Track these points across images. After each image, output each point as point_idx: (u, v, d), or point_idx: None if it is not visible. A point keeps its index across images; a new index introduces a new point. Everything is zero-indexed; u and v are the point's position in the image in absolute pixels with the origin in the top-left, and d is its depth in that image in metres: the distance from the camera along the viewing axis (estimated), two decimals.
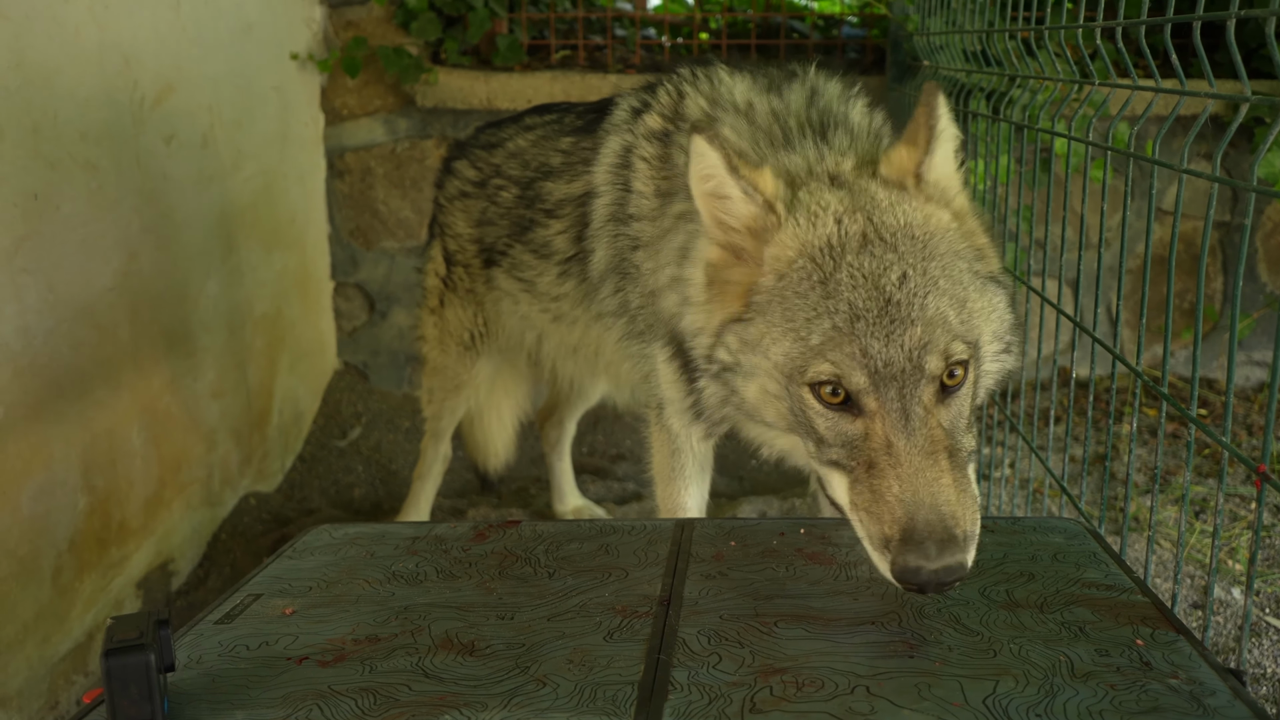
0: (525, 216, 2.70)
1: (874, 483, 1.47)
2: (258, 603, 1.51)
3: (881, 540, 1.43)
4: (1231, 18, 1.56)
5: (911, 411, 1.49)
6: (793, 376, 1.58)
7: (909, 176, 1.72)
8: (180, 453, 3.17)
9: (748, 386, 1.68)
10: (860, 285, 1.55)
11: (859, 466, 1.51)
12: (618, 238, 2.28)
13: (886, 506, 1.44)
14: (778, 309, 1.60)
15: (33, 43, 2.45)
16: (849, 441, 1.53)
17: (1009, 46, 2.61)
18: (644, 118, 2.26)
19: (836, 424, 1.54)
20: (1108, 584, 1.49)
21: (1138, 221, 4.04)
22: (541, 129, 2.81)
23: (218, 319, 3.40)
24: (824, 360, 1.53)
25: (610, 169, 2.33)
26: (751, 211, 1.65)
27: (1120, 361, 1.98)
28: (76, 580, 2.63)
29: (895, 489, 1.44)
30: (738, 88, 2.13)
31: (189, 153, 3.19)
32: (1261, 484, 1.50)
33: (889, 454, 1.48)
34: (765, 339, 1.62)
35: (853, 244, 1.60)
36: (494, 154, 2.91)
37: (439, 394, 3.26)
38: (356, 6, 4.31)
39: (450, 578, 1.57)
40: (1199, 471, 3.57)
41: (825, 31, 4.80)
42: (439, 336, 3.17)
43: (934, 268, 1.59)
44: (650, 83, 2.36)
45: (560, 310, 2.65)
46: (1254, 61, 3.82)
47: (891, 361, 1.50)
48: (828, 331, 1.54)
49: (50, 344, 2.52)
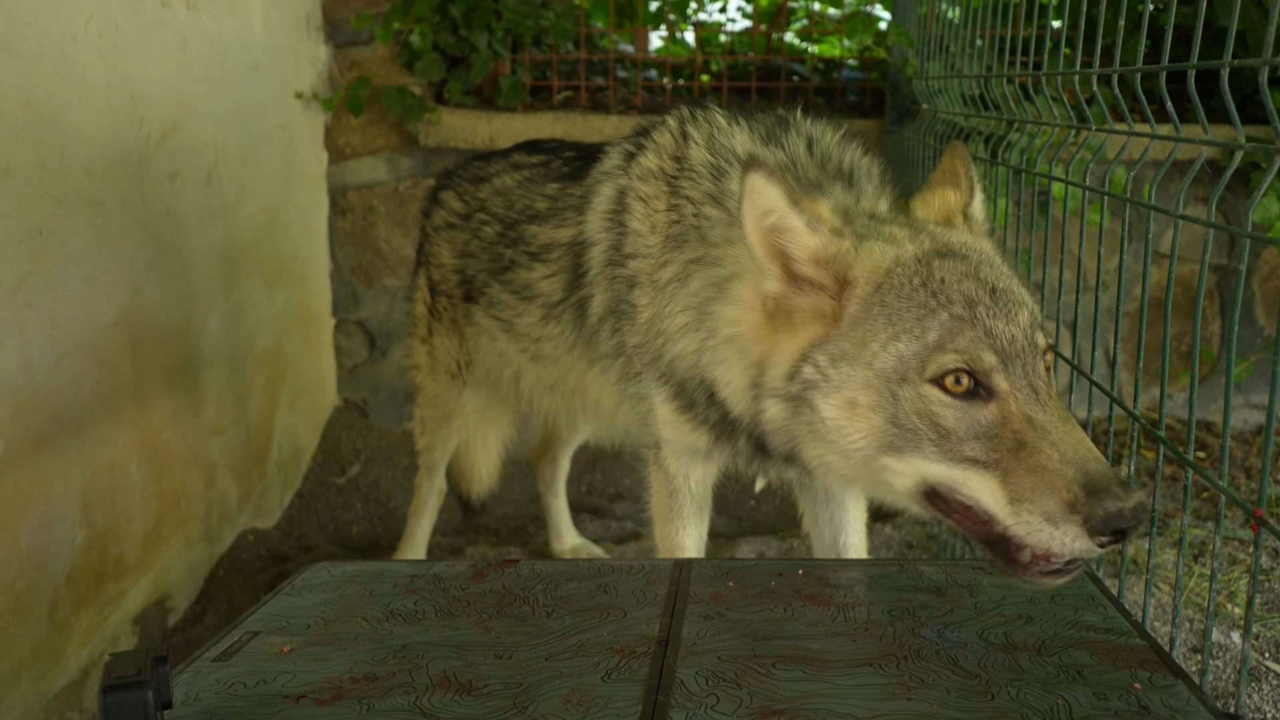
0: (506, 256, 2.71)
1: (1033, 461, 1.48)
2: (255, 640, 1.51)
3: (1065, 508, 1.43)
4: (1225, 66, 1.58)
5: (1038, 386, 1.56)
6: (907, 377, 1.59)
7: (956, 215, 1.85)
8: (179, 488, 3.17)
9: (830, 402, 1.67)
10: (965, 278, 1.62)
11: (1005, 455, 1.51)
12: (615, 280, 2.29)
13: (1058, 474, 1.45)
14: (880, 318, 1.63)
15: (41, 80, 2.47)
16: (985, 431, 1.54)
17: (1007, 91, 2.63)
18: (639, 160, 2.27)
19: (967, 414, 1.56)
20: (1106, 627, 1.48)
21: (1135, 265, 4.06)
22: (529, 170, 2.82)
23: (219, 355, 3.41)
24: (948, 350, 1.56)
25: (604, 215, 2.33)
26: (818, 242, 1.67)
27: (1117, 404, 1.99)
28: (73, 616, 2.62)
29: (1057, 456, 1.47)
30: (737, 139, 2.15)
31: (194, 189, 3.21)
32: (1259, 528, 1.50)
33: (1034, 428, 1.51)
34: (868, 349, 1.63)
35: (936, 254, 1.67)
36: (480, 188, 2.93)
37: (431, 424, 3.27)
38: (361, 47, 4.36)
39: (448, 616, 1.57)
40: (1197, 514, 3.56)
41: (825, 75, 4.84)
42: (430, 366, 3.19)
43: (1003, 268, 1.70)
44: (642, 127, 2.38)
45: (540, 350, 2.66)
46: (1249, 107, 3.86)
47: (1014, 339, 1.57)
48: (947, 323, 1.58)
49: (52, 379, 2.52)
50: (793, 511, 2.58)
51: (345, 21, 4.33)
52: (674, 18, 5.20)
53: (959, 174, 1.89)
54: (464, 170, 3.07)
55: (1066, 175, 2.25)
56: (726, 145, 2.14)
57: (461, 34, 4.24)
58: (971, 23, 3.12)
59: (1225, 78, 1.59)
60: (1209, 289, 4.33)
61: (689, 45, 5.18)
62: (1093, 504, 1.41)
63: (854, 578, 1.72)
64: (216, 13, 3.35)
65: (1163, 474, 3.79)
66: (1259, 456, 4.02)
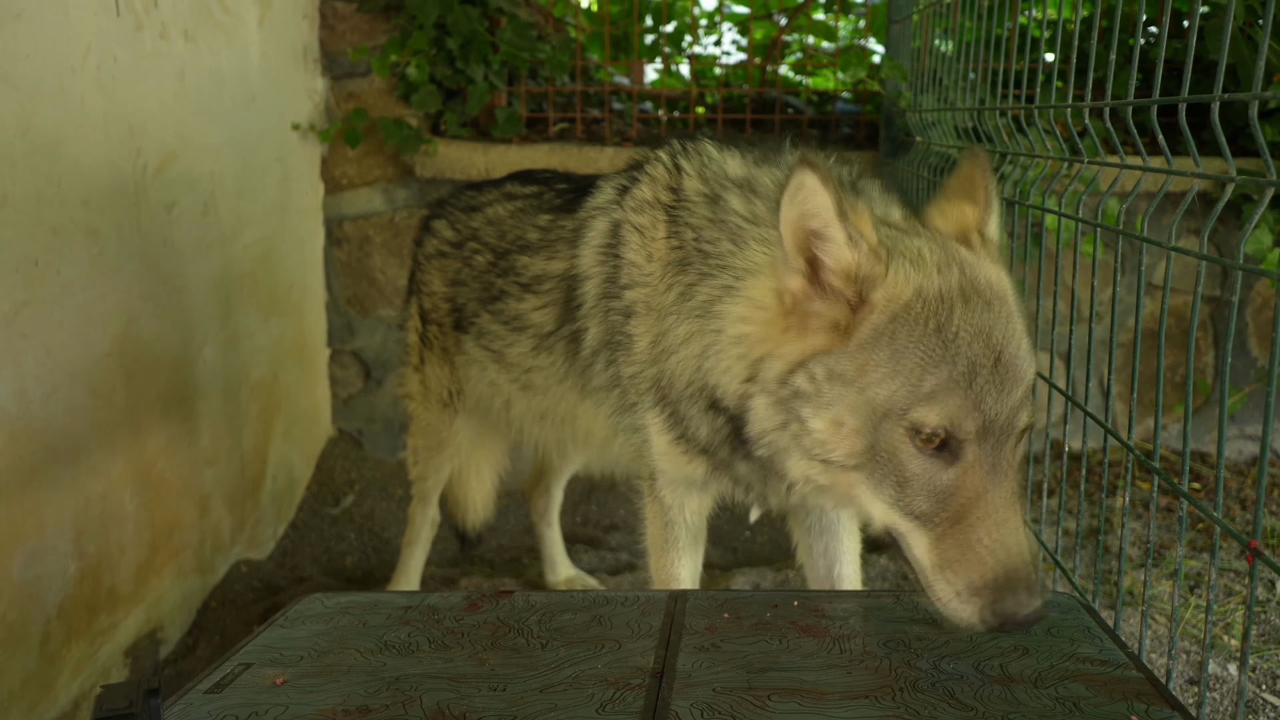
0: (496, 285, 2.71)
1: (964, 535, 1.54)
2: (248, 672, 1.50)
3: (972, 590, 1.51)
4: (1216, 99, 1.59)
5: (1000, 463, 1.58)
6: (890, 415, 1.60)
7: (973, 233, 1.80)
8: (173, 519, 3.16)
9: (818, 417, 1.68)
10: (976, 339, 1.60)
11: (945, 521, 1.57)
12: (610, 313, 2.28)
13: (977, 557, 1.52)
14: (886, 349, 1.62)
15: (39, 111, 2.48)
16: (939, 491, 1.58)
17: (1000, 123, 2.65)
18: (633, 192, 2.26)
19: (928, 470, 1.59)
20: (1102, 659, 1.48)
21: (1128, 296, 4.08)
22: (521, 201, 2.82)
23: (214, 385, 3.40)
24: (934, 407, 1.57)
25: (598, 249, 2.33)
26: (855, 258, 1.65)
27: (1112, 435, 1.99)
28: (64, 648, 2.61)
29: (987, 540, 1.53)
30: (729, 164, 2.15)
31: (190, 220, 3.22)
32: (1254, 559, 1.50)
33: (980, 504, 1.55)
34: (867, 375, 1.62)
35: (959, 296, 1.64)
36: (473, 217, 2.92)
37: (423, 453, 3.26)
38: (358, 79, 4.38)
39: (442, 648, 1.56)
40: (1193, 545, 3.56)
41: (819, 107, 4.88)
42: (423, 394, 3.18)
43: (1017, 328, 1.67)
44: (635, 161, 2.37)
45: (530, 380, 2.65)
46: (1240, 140, 3.89)
47: (999, 415, 1.58)
48: (944, 381, 1.58)
49: (46, 409, 2.52)
50: (787, 542, 2.57)
51: (342, 54, 4.35)
52: (669, 50, 5.24)
53: (976, 186, 1.84)
54: (456, 199, 3.07)
55: (1060, 207, 2.26)
56: (720, 171, 2.14)
57: (458, 66, 4.26)
58: (964, 56, 3.15)
59: (1216, 111, 1.60)
60: (1202, 320, 4.35)
61: (684, 78, 5.22)
62: (998, 596, 1.49)
63: (849, 609, 1.71)
64: (214, 45, 3.37)
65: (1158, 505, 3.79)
66: (1254, 488, 4.03)
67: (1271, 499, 3.96)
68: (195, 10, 3.23)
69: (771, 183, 2.05)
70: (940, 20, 3.49)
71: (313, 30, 4.28)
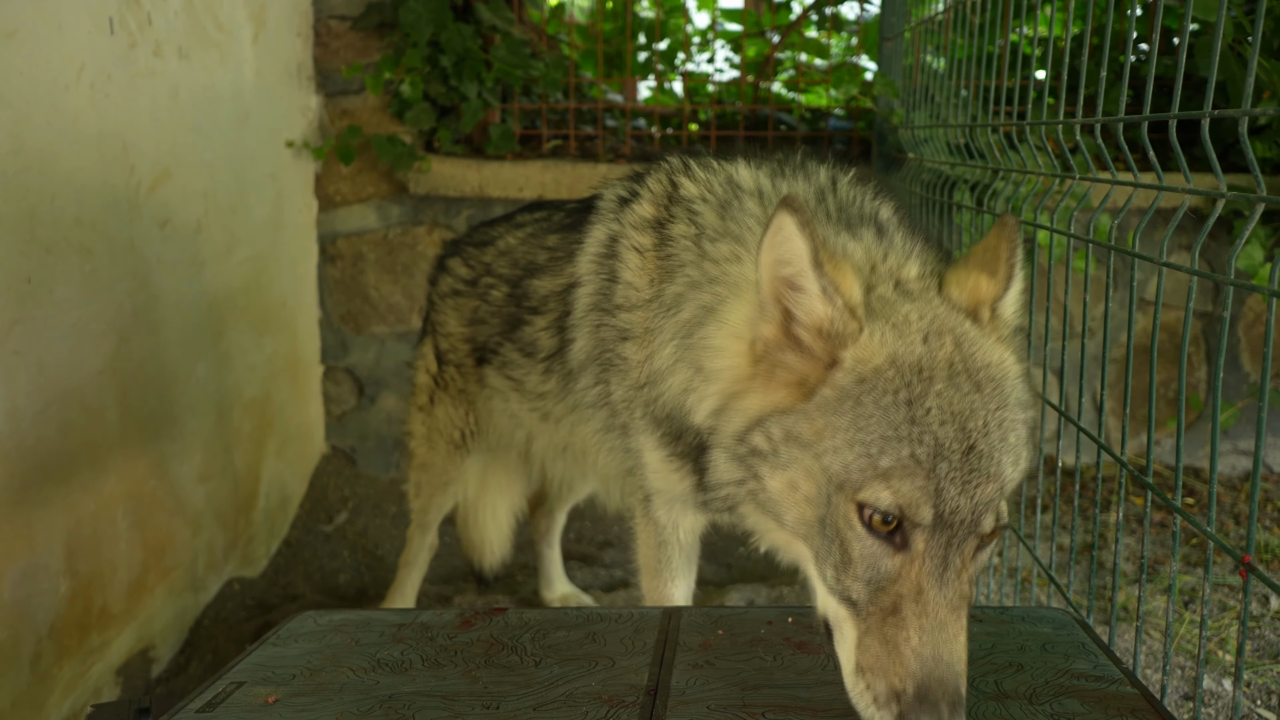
0: (514, 315, 2.67)
1: (891, 633, 1.39)
2: (240, 691, 1.49)
3: (890, 695, 1.35)
4: (1206, 116, 1.60)
5: (951, 562, 1.41)
6: (843, 488, 1.45)
7: (985, 309, 1.64)
8: (165, 537, 3.15)
9: (775, 477, 1.55)
10: (948, 422, 1.43)
11: (876, 613, 1.41)
12: (601, 328, 2.20)
13: (902, 660, 1.36)
14: (849, 414, 1.46)
15: (32, 129, 2.48)
16: (878, 577, 1.42)
17: (992, 140, 2.66)
18: (633, 206, 2.19)
19: (873, 553, 1.43)
20: (1097, 675, 1.48)
21: (1120, 311, 4.09)
22: (531, 226, 2.80)
23: (206, 402, 3.40)
24: (888, 486, 1.41)
25: (594, 258, 2.25)
26: (827, 313, 1.52)
27: (1105, 451, 2.00)
28: (55, 667, 2.59)
29: (914, 642, 1.37)
30: (742, 172, 2.08)
31: (183, 237, 3.22)
32: (1247, 574, 1.50)
33: (917, 602, 1.39)
34: (824, 440, 1.48)
35: (941, 371, 1.48)
36: (485, 252, 2.88)
37: (426, 489, 3.24)
38: (352, 96, 4.39)
39: (436, 666, 1.56)
40: (1187, 561, 3.56)
41: (812, 124, 4.89)
42: (427, 434, 3.15)
43: (1007, 419, 1.49)
44: (638, 171, 2.31)
45: (547, 409, 2.61)
46: (1230, 156, 3.91)
47: (958, 510, 1.41)
48: (905, 460, 1.41)
49: (38, 427, 2.51)
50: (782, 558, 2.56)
51: (336, 71, 4.36)
52: (662, 68, 5.26)
53: (999, 259, 1.66)
54: (469, 236, 3.05)
55: (1052, 223, 2.27)
56: (729, 180, 2.07)
57: (452, 84, 4.27)
58: (956, 73, 3.16)
59: (1206, 127, 1.61)
60: (1194, 335, 4.36)
61: (677, 95, 5.23)
62: (912, 708, 1.33)
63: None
64: (208, 62, 3.38)
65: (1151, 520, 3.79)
66: (1247, 502, 4.03)
67: (1265, 514, 3.97)
68: (189, 28, 3.24)
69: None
70: (932, 37, 3.51)
71: (307, 48, 4.29)
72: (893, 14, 4.16)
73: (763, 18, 5.40)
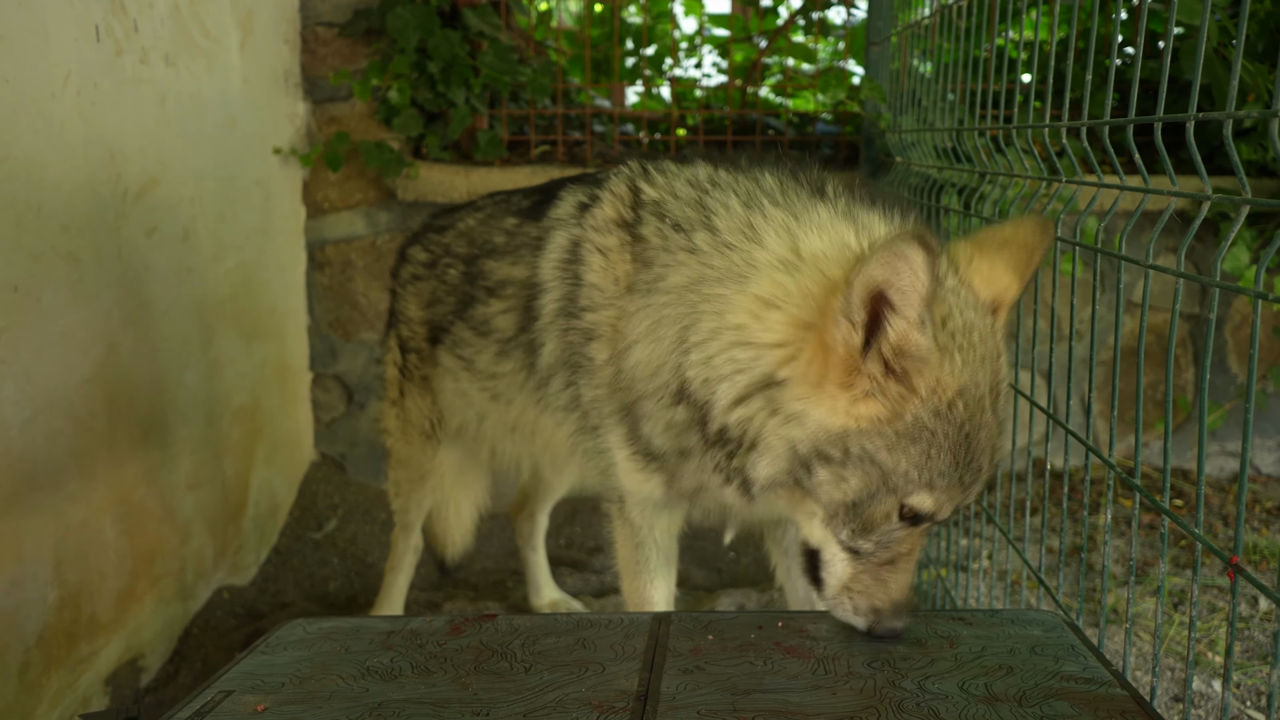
0: (469, 294, 2.70)
1: (885, 574, 1.75)
2: (229, 700, 1.49)
3: (869, 609, 1.73)
4: (1191, 119, 1.61)
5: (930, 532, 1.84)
6: (895, 491, 1.71)
7: (1002, 306, 1.84)
8: (154, 545, 3.13)
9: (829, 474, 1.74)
10: (983, 445, 1.73)
11: (874, 562, 1.76)
12: (568, 332, 2.24)
13: (887, 591, 1.74)
14: (923, 444, 1.68)
15: (19, 137, 2.48)
16: (889, 542, 1.75)
17: (979, 144, 2.67)
18: (593, 211, 2.22)
19: (893, 530, 1.75)
20: (1086, 677, 1.48)
21: (1108, 314, 4.10)
22: (490, 208, 2.83)
23: (195, 410, 3.39)
24: (932, 496, 1.71)
25: (557, 264, 2.29)
26: (921, 344, 1.64)
27: (1093, 453, 2.00)
28: (44, 676, 2.58)
29: (897, 580, 1.75)
30: (701, 171, 2.14)
31: (170, 245, 3.21)
32: (1235, 575, 1.50)
33: (907, 557, 1.77)
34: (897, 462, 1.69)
35: (987, 399, 1.73)
36: (445, 235, 2.91)
37: (405, 486, 3.24)
38: (339, 103, 4.39)
39: (425, 673, 1.55)
40: (1176, 562, 3.57)
41: (800, 128, 4.90)
42: (401, 428, 3.16)
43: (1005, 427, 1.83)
44: (593, 175, 2.36)
45: (497, 389, 2.63)
46: (1216, 159, 3.93)
47: (964, 503, 1.79)
48: (953, 481, 1.71)
49: (26, 435, 2.50)
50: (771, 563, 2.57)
51: (324, 78, 4.36)
52: (650, 73, 5.27)
53: (1031, 259, 1.86)
54: (430, 223, 3.07)
55: None
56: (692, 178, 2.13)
57: (439, 90, 4.27)
58: (943, 77, 3.17)
59: (1191, 130, 1.61)
60: (1181, 338, 4.38)
61: (665, 100, 5.24)
62: (886, 618, 1.72)
63: (834, 630, 1.71)
64: (195, 70, 3.37)
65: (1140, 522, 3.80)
66: (1235, 504, 4.04)
67: (1253, 515, 3.99)
68: (176, 35, 3.23)
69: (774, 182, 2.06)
70: (919, 42, 3.52)
71: (294, 55, 4.29)
72: (879, 19, 4.17)
73: (750, 23, 5.41)
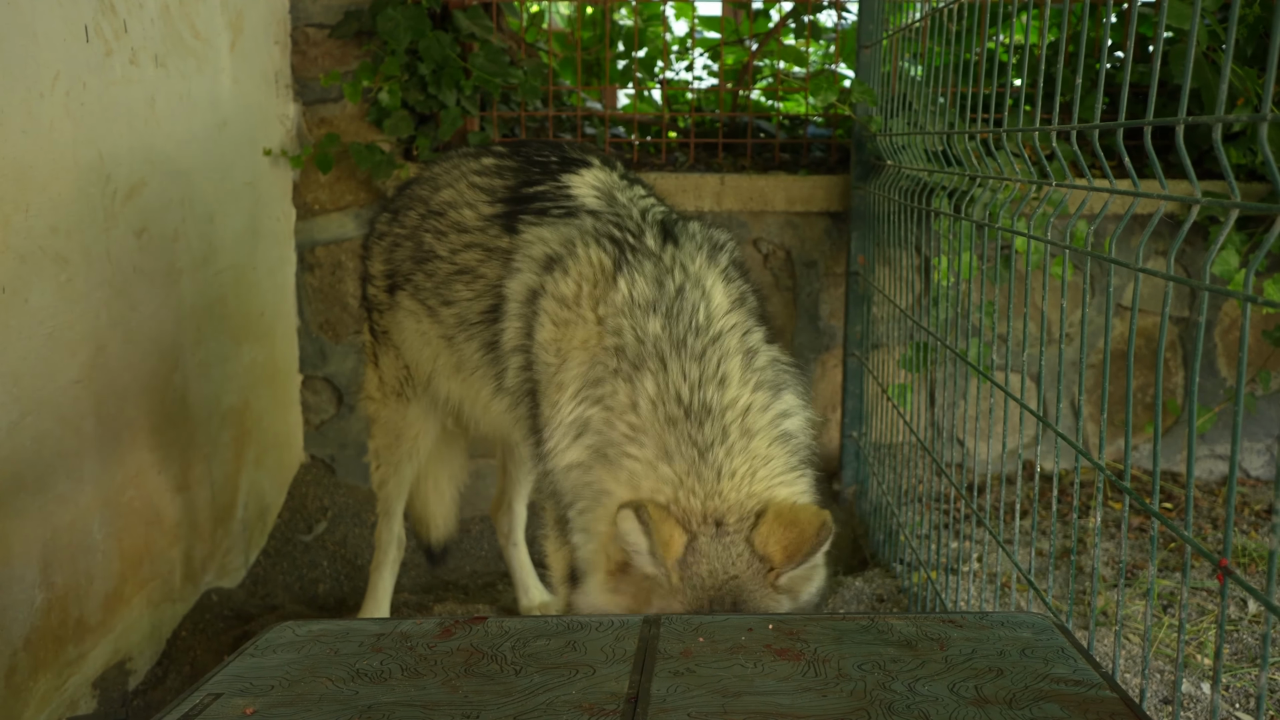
0: (426, 242, 2.79)
1: None
2: (218, 702, 1.48)
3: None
4: (1180, 123, 1.61)
5: None
6: None
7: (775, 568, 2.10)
8: (142, 548, 3.12)
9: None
10: None
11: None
12: (524, 369, 2.43)
13: None
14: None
15: (7, 138, 2.46)
16: None
17: (969, 147, 2.68)
18: (556, 276, 2.36)
19: None
20: (1076, 679, 1.48)
21: (1097, 317, 4.11)
22: (457, 158, 2.95)
23: (184, 412, 3.37)
24: None
25: (520, 302, 2.45)
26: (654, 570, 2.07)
27: (1083, 456, 2.01)
28: (30, 680, 2.57)
29: None
30: (689, 253, 2.39)
31: (160, 246, 3.20)
32: (1224, 578, 1.51)
33: None
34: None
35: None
36: (409, 188, 3.03)
37: (384, 452, 3.28)
38: (330, 104, 4.38)
39: (415, 675, 1.55)
40: (1165, 565, 3.58)
41: (791, 131, 4.91)
42: (379, 390, 3.23)
43: None
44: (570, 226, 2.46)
45: (450, 333, 2.75)
46: (1205, 163, 3.94)
47: None
48: None
49: (12, 438, 2.49)
50: None
51: (314, 79, 4.35)
52: (641, 76, 5.26)
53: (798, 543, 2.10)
54: (401, 188, 3.20)
55: (1029, 230, 2.28)
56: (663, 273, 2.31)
57: (430, 92, 4.27)
58: (934, 81, 3.18)
59: (1181, 134, 1.62)
60: (1171, 341, 4.39)
61: (656, 103, 5.24)
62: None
63: (824, 632, 1.71)
64: (185, 70, 3.36)
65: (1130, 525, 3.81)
66: (1224, 506, 4.05)
67: (1242, 518, 4.00)
68: (166, 36, 3.22)
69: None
70: (909, 45, 3.52)
71: (284, 56, 4.28)
72: (870, 22, 4.18)
73: (741, 25, 5.41)
